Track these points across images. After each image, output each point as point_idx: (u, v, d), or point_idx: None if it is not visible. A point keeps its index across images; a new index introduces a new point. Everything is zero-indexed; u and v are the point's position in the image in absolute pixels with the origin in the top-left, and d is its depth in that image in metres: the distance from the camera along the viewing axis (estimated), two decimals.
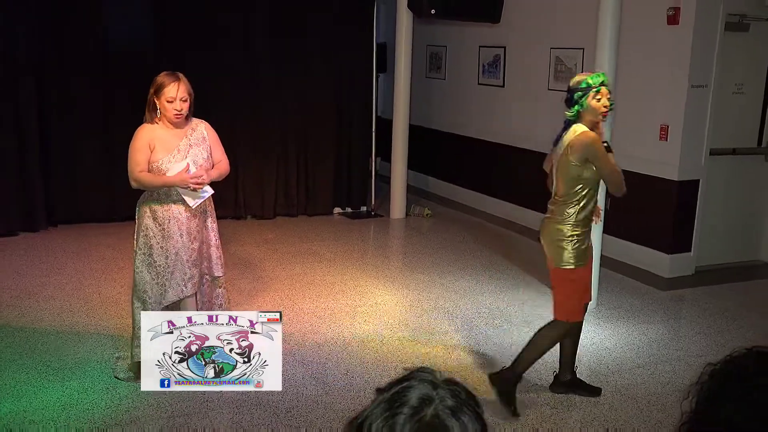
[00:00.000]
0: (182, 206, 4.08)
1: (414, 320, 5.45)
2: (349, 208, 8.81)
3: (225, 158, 4.32)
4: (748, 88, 6.75)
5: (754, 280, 6.72)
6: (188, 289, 4.10)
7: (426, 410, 1.17)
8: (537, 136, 8.13)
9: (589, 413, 4.13)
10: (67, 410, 3.96)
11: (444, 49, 9.66)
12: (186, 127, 4.14)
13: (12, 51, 7.11)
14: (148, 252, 4.09)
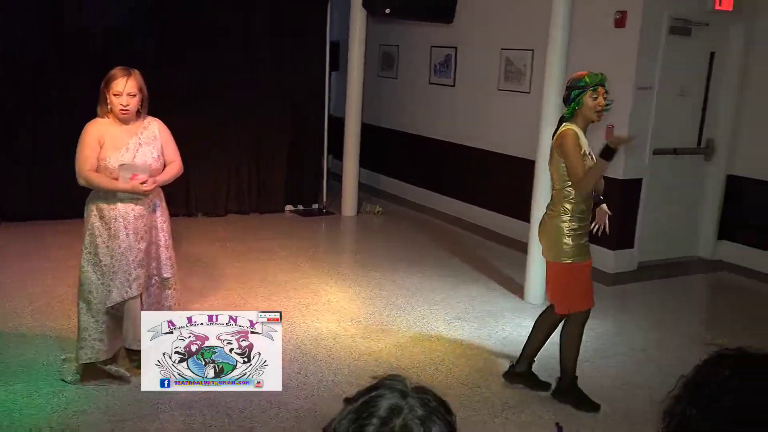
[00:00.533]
0: (130, 205, 3.91)
1: (367, 317, 5.37)
2: (301, 206, 8.68)
3: (178, 158, 4.16)
4: (690, 90, 6.84)
5: (691, 274, 6.84)
6: (133, 290, 3.92)
7: (395, 420, 1.11)
8: (487, 135, 8.14)
9: (537, 409, 4.10)
10: (10, 416, 3.76)
11: (396, 49, 9.59)
12: (137, 124, 3.97)
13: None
14: (93, 251, 3.91)
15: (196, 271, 6.12)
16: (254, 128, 8.24)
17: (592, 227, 4.16)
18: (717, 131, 7.02)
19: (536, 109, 6.77)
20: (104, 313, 3.94)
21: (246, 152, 8.26)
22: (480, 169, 8.27)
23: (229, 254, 6.76)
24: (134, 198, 3.91)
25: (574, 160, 3.84)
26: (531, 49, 7.46)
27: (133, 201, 3.92)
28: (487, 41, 7.98)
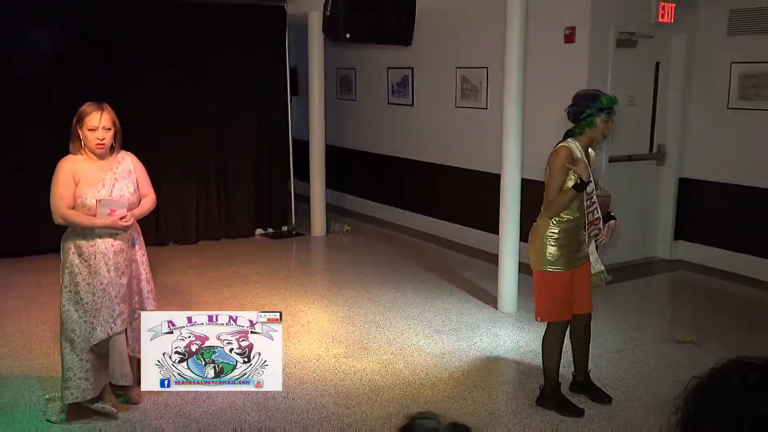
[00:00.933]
0: (109, 240, 3.75)
1: (347, 336, 5.26)
2: (271, 229, 8.54)
3: (152, 192, 4.03)
4: (639, 99, 6.93)
5: (652, 275, 6.91)
6: (117, 326, 3.75)
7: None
8: (447, 151, 8.14)
9: (523, 419, 4.05)
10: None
11: (353, 72, 9.56)
12: (111, 159, 3.83)
13: None
14: (74, 289, 3.73)
15: (173, 300, 5.94)
16: (220, 155, 8.11)
17: (599, 241, 4.11)
18: (667, 137, 7.12)
19: (495, 123, 6.80)
20: (88, 351, 3.76)
21: (214, 179, 8.12)
22: (443, 184, 8.26)
23: (204, 281, 6.59)
24: (113, 233, 3.76)
25: (554, 180, 3.84)
26: (485, 67, 7.49)
27: (112, 236, 3.76)
28: (443, 61, 8.00)
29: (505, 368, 4.88)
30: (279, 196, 8.58)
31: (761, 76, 6.42)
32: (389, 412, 4.09)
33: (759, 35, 6.39)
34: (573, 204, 3.88)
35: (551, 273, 3.94)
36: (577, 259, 3.99)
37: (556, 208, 3.85)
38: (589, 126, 3.86)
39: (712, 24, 6.74)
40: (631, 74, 6.75)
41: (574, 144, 3.89)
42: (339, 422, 3.97)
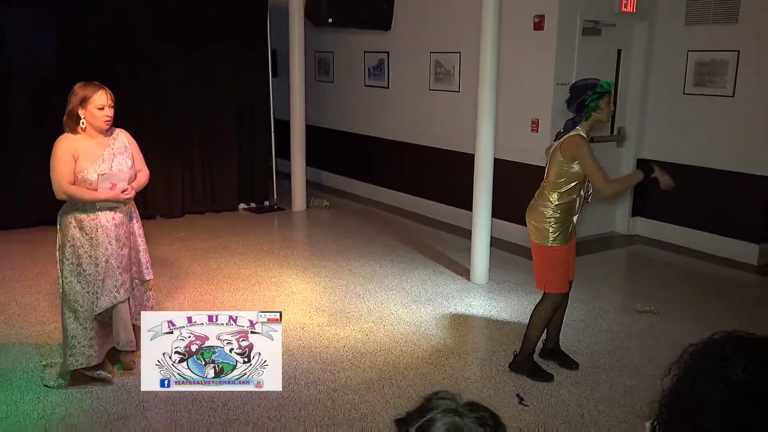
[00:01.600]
0: (110, 214, 3.68)
1: (329, 306, 5.25)
2: (254, 203, 8.45)
3: (145, 166, 3.96)
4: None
5: (612, 249, 6.99)
6: (121, 295, 3.71)
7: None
8: (420, 131, 8.10)
9: (497, 383, 4.09)
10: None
11: (331, 55, 9.44)
12: (108, 136, 3.73)
13: None
14: (76, 262, 3.66)
15: (163, 271, 5.85)
16: (205, 133, 7.98)
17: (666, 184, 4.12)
18: (626, 120, 7.17)
19: (467, 106, 6.77)
20: (92, 319, 3.71)
21: (198, 156, 8.00)
22: (416, 163, 8.24)
23: (191, 253, 6.51)
24: (113, 207, 3.69)
25: (594, 164, 3.83)
26: (458, 52, 7.45)
27: (112, 210, 3.69)
28: (418, 46, 7.92)
29: (478, 336, 4.91)
30: (261, 173, 8.49)
31: (715, 64, 6.48)
32: (371, 377, 4.09)
33: (714, 25, 6.44)
34: (577, 189, 3.92)
35: (554, 248, 3.97)
36: (571, 233, 4.05)
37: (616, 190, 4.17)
38: (596, 110, 3.89)
39: (671, 14, 6.77)
40: (595, 60, 6.74)
41: (582, 131, 3.92)
42: (325, 386, 3.96)
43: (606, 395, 3.92)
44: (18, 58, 6.86)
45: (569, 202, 3.94)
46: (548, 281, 4.07)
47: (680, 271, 6.25)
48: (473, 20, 5.70)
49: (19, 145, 6.80)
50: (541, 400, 3.85)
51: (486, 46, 5.49)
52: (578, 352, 4.45)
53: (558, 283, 4.05)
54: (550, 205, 3.94)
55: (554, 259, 4.00)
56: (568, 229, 3.99)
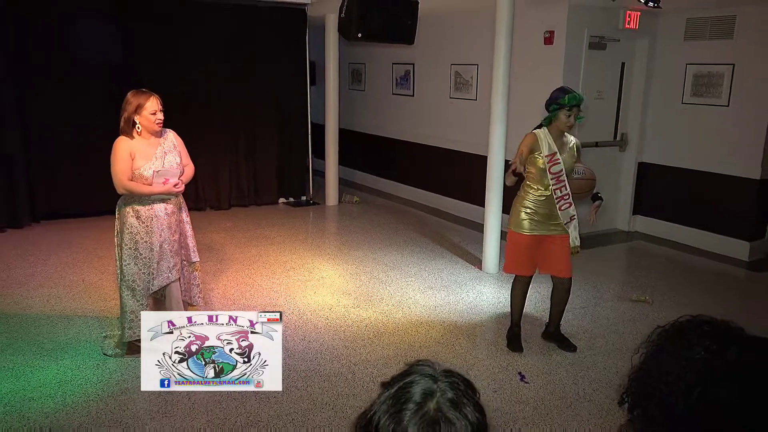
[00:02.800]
0: (162, 205, 3.78)
1: (355, 290, 5.29)
2: (292, 198, 8.53)
3: (191, 162, 4.03)
4: (606, 94, 6.86)
5: (613, 244, 6.90)
6: (173, 275, 3.82)
7: (429, 404, 1.02)
8: (441, 135, 8.09)
9: (502, 361, 4.08)
10: (63, 386, 3.61)
11: (363, 66, 9.47)
12: (159, 137, 3.82)
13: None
14: (134, 247, 3.76)
15: (209, 256, 5.96)
16: (250, 135, 8.08)
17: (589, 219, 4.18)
18: (629, 127, 7.06)
19: (483, 113, 6.75)
20: (148, 297, 3.83)
21: (243, 155, 8.09)
22: (437, 163, 8.23)
23: (235, 241, 6.61)
24: (165, 198, 3.79)
25: (515, 157, 3.97)
26: (476, 64, 7.42)
27: (165, 201, 3.79)
28: (440, 58, 7.91)
29: (487, 319, 4.89)
30: (299, 171, 8.56)
31: (711, 76, 6.35)
32: (389, 353, 4.12)
33: (711, 40, 6.30)
34: (543, 182, 3.93)
35: (515, 233, 4.04)
36: (544, 228, 4.00)
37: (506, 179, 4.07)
38: (554, 119, 3.91)
39: (671, 30, 6.64)
40: (600, 72, 6.67)
41: (542, 132, 3.93)
42: (347, 361, 4.01)
43: (600, 375, 3.90)
44: (87, 60, 6.99)
45: (540, 196, 3.96)
46: (507, 263, 4.17)
47: (675, 265, 6.14)
48: (490, 35, 5.67)
49: (88, 143, 6.95)
50: (540, 378, 3.84)
51: (499, 58, 5.46)
52: (577, 335, 4.42)
53: (512, 266, 4.13)
54: (520, 193, 4.04)
55: (513, 243, 4.06)
56: (537, 222, 3.98)
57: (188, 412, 3.36)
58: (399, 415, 1.02)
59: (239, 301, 4.93)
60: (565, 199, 3.97)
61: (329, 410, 3.44)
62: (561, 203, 3.97)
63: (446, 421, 1.01)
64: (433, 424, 1.01)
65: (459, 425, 1.00)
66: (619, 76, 6.91)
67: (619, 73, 6.91)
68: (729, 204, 6.33)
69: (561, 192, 3.95)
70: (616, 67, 6.86)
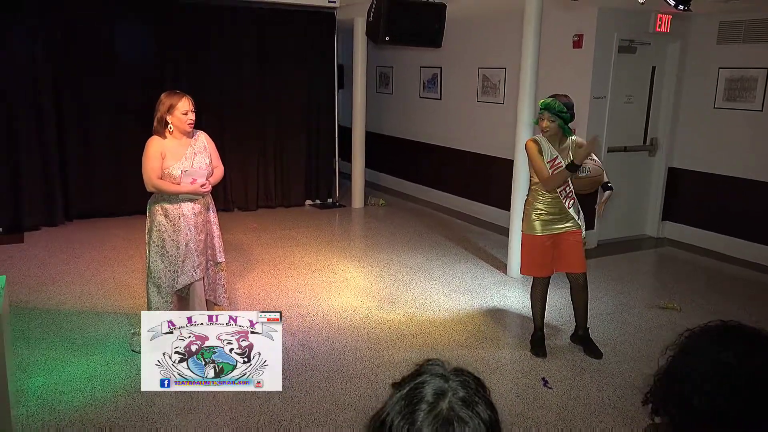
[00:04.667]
0: (190, 204, 3.83)
1: (378, 292, 5.30)
2: (318, 200, 8.59)
3: (221, 164, 4.08)
4: (636, 98, 6.77)
5: (641, 250, 6.79)
6: (197, 274, 3.87)
7: (441, 404, 1.02)
8: (468, 139, 8.06)
9: (524, 366, 4.05)
10: (92, 381, 3.70)
11: (391, 70, 9.49)
12: (190, 137, 3.88)
13: (31, 67, 6.67)
14: (161, 244, 3.83)
15: (236, 256, 6.03)
16: (278, 138, 8.15)
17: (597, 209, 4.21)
18: (659, 131, 6.95)
19: (510, 116, 6.70)
20: (172, 294, 3.89)
21: (271, 157, 8.17)
22: (464, 167, 8.20)
23: (261, 242, 6.67)
24: (193, 198, 3.84)
25: (536, 164, 3.96)
26: (504, 68, 7.38)
27: (192, 201, 3.84)
28: (467, 61, 7.89)
29: (511, 323, 4.86)
30: (325, 173, 8.61)
31: (745, 80, 6.21)
32: (411, 356, 4.12)
33: (745, 44, 6.17)
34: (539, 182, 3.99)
35: (529, 236, 4.08)
36: (555, 226, 4.02)
37: (553, 183, 3.93)
38: (536, 123, 4.01)
39: (703, 33, 6.52)
40: (630, 76, 6.59)
41: (540, 138, 3.99)
42: (370, 363, 4.02)
43: (626, 382, 3.84)
44: (123, 62, 7.15)
45: (543, 197, 3.99)
46: (524, 265, 4.19)
47: (705, 272, 6.02)
48: (517, 38, 5.64)
49: (122, 144, 7.08)
50: (564, 384, 3.80)
51: (526, 62, 5.43)
52: (602, 342, 4.36)
53: (528, 268, 4.14)
54: (534, 202, 4.04)
55: (527, 245, 4.09)
56: (548, 222, 4.00)
57: (212, 409, 3.40)
58: (412, 416, 1.02)
59: (264, 301, 4.98)
60: (570, 197, 4.04)
61: (351, 411, 3.45)
62: (567, 201, 4.03)
63: (459, 420, 1.01)
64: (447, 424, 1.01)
65: (472, 424, 1.00)
66: (649, 80, 6.81)
67: (650, 77, 6.81)
68: (760, 211, 6.18)
69: (566, 191, 4.01)
70: (646, 71, 6.76)
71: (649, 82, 6.82)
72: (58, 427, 3.25)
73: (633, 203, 6.99)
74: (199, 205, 3.89)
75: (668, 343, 1.31)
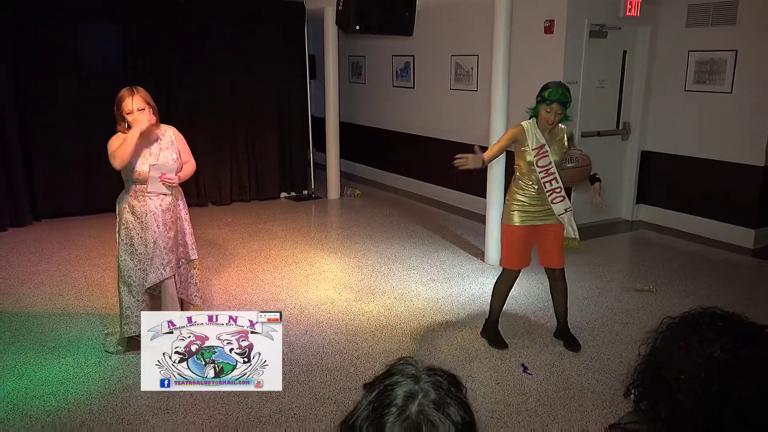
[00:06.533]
0: (157, 200, 3.74)
1: (357, 283, 5.27)
2: (293, 192, 8.52)
3: (192, 159, 3.99)
4: (608, 83, 6.81)
5: (616, 233, 6.86)
6: (167, 272, 3.78)
7: (410, 408, 0.99)
8: (442, 126, 8.05)
9: (504, 354, 4.06)
10: (65, 384, 3.61)
11: (363, 59, 9.42)
12: (156, 132, 3.79)
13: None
14: (129, 242, 3.74)
15: (211, 252, 5.95)
16: (251, 130, 8.06)
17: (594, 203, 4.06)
18: (631, 115, 7.01)
19: (483, 103, 6.69)
20: (143, 293, 3.79)
21: (245, 150, 8.07)
22: (438, 155, 8.18)
23: (237, 236, 6.59)
24: (161, 195, 3.75)
25: (497, 143, 3.98)
26: (476, 55, 7.36)
27: (160, 197, 3.75)
28: (440, 49, 7.85)
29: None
30: (300, 165, 8.54)
31: (714, 63, 6.28)
32: (390, 347, 4.10)
33: (713, 27, 6.24)
34: (532, 176, 3.86)
35: (507, 226, 3.99)
36: (535, 219, 3.91)
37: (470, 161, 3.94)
38: (535, 112, 3.82)
39: (672, 17, 6.58)
40: (601, 61, 6.62)
41: (529, 124, 3.85)
42: (349, 355, 3.99)
43: (604, 366, 3.87)
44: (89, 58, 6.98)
45: (529, 189, 3.88)
46: (502, 257, 4.10)
47: (679, 254, 6.10)
48: (490, 25, 5.62)
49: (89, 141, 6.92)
50: (543, 370, 3.82)
51: (498, 48, 5.42)
52: (580, 326, 4.39)
53: (509, 260, 4.02)
54: (512, 186, 3.98)
55: (507, 236, 4.00)
56: (528, 214, 3.90)
57: (189, 408, 3.35)
58: (381, 421, 0.99)
59: (240, 297, 4.92)
60: (557, 192, 3.87)
61: (331, 404, 3.42)
62: (552, 196, 3.87)
63: (429, 424, 0.98)
64: (416, 428, 0.98)
65: (443, 427, 0.97)
66: (620, 64, 6.85)
67: (621, 62, 6.85)
68: (733, 191, 6.27)
69: (551, 185, 3.84)
70: (617, 56, 6.80)
71: (621, 67, 6.86)
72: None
73: (607, 187, 7.01)
74: (168, 201, 3.80)
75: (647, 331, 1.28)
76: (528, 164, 3.84)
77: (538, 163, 3.81)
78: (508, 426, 3.23)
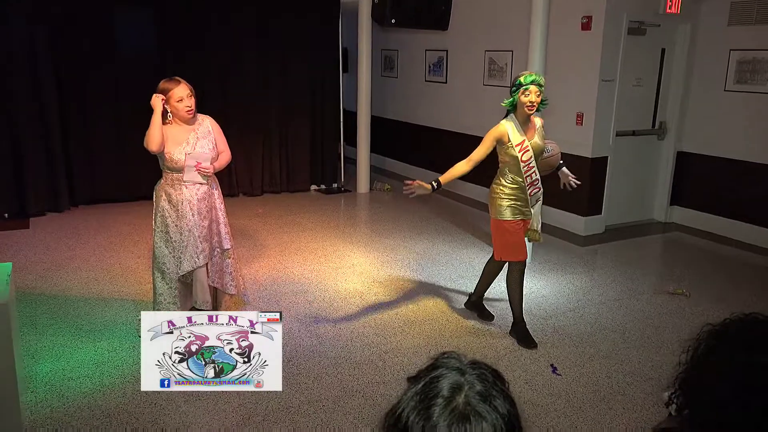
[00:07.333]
0: (193, 189, 3.80)
1: (385, 277, 5.28)
2: (323, 185, 8.55)
3: (227, 149, 4.04)
4: (645, 81, 6.69)
5: (649, 235, 6.75)
6: (200, 260, 3.83)
7: (457, 399, 0.99)
8: (474, 122, 7.98)
9: (533, 353, 4.03)
10: (100, 367, 3.69)
11: (396, 53, 9.40)
12: (194, 123, 3.84)
13: (33, 53, 6.63)
14: (165, 230, 3.80)
15: (242, 242, 6.01)
16: (283, 123, 8.11)
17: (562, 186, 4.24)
18: (668, 115, 6.88)
19: None
20: (176, 280, 3.85)
21: (276, 143, 8.13)
22: (470, 151, 8.10)
23: (267, 227, 6.65)
24: (197, 184, 3.80)
25: (480, 146, 4.03)
26: (511, 50, 7.29)
27: (196, 186, 3.80)
28: (473, 44, 7.80)
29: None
30: (330, 158, 8.57)
31: (756, 62, 6.12)
32: (419, 342, 4.11)
33: (756, 25, 6.08)
34: (518, 171, 3.98)
35: (500, 221, 4.05)
36: (521, 213, 4.04)
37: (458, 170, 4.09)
38: (513, 101, 3.92)
39: (714, 15, 6.42)
40: (639, 59, 6.50)
41: (509, 123, 3.95)
42: (377, 349, 4.00)
43: (635, 369, 3.82)
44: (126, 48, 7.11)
45: (515, 183, 3.98)
46: (498, 251, 4.15)
47: (714, 258, 5.98)
48: (525, 20, 5.57)
49: (126, 129, 7.04)
50: (573, 371, 3.78)
51: (534, 44, 5.36)
52: (611, 328, 4.34)
53: (510, 251, 4.08)
54: (502, 186, 4.04)
55: (498, 229, 4.06)
56: (517, 207, 4.00)
57: (221, 395, 3.40)
58: (428, 412, 0.99)
59: (271, 288, 4.97)
60: (535, 185, 4.03)
61: (359, 397, 3.44)
62: (531, 189, 4.01)
63: (476, 415, 0.98)
64: (464, 419, 0.98)
65: (490, 418, 0.97)
66: (659, 62, 6.72)
67: (659, 60, 6.72)
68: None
69: (532, 178, 3.99)
70: (656, 54, 6.68)
71: (659, 65, 6.73)
72: (66, 412, 3.25)
73: (641, 188, 6.93)
74: (204, 190, 3.85)
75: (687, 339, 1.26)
76: (513, 158, 3.96)
77: (522, 158, 3.94)
78: (537, 426, 3.21)
